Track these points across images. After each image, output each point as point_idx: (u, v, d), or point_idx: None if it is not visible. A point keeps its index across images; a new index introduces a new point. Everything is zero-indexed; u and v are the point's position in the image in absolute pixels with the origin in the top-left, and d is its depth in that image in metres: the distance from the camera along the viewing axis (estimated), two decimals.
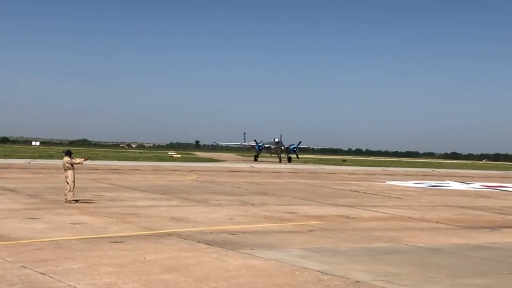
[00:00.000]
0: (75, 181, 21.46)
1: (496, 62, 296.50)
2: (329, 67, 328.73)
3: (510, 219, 21.42)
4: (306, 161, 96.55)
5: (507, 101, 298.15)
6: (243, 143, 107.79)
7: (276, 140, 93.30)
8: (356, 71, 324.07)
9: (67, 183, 21.14)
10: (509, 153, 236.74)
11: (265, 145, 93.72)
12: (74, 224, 15.77)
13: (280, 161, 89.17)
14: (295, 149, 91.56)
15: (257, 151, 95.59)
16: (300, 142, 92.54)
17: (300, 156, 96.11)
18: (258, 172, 53.53)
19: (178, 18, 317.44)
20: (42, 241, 12.94)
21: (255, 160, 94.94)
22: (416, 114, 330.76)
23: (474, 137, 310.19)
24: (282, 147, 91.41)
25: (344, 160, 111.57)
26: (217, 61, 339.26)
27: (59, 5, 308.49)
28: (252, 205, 22.73)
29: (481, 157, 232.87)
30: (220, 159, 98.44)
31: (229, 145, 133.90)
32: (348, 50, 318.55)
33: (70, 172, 21.31)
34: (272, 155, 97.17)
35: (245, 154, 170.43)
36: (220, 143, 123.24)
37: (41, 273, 9.84)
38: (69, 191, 21.03)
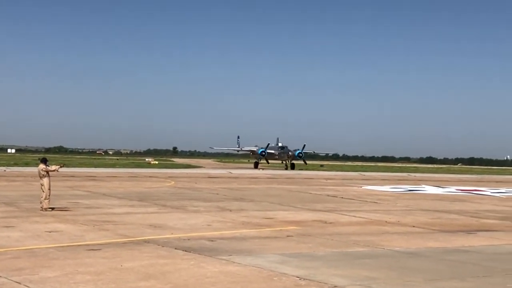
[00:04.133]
0: (51, 188, 21.28)
1: (470, 67, 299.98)
2: (307, 71, 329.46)
3: (485, 223, 21.69)
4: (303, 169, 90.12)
5: (482, 106, 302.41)
6: (241, 148, 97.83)
7: (280, 144, 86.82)
8: (331, 77, 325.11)
9: (43, 190, 20.94)
10: (484, 157, 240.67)
11: (268, 151, 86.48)
12: (50, 232, 15.62)
13: (286, 168, 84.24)
14: (301, 154, 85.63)
15: (259, 157, 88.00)
16: (305, 145, 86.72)
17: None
18: (236, 178, 53.53)
19: (164, 23, 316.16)
20: (18, 249, 12.79)
21: (256, 167, 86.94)
22: (392, 119, 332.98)
23: (449, 141, 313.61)
24: (289, 153, 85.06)
25: (322, 165, 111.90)
26: (194, 66, 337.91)
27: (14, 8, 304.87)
28: (230, 211, 22.71)
29: (456, 161, 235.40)
30: (197, 165, 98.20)
31: (224, 151, 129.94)
32: (326, 55, 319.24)
33: (45, 180, 21.11)
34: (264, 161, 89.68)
35: (223, 160, 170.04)
36: (216, 148, 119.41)
37: (17, 282, 9.73)
38: (45, 198, 20.83)
